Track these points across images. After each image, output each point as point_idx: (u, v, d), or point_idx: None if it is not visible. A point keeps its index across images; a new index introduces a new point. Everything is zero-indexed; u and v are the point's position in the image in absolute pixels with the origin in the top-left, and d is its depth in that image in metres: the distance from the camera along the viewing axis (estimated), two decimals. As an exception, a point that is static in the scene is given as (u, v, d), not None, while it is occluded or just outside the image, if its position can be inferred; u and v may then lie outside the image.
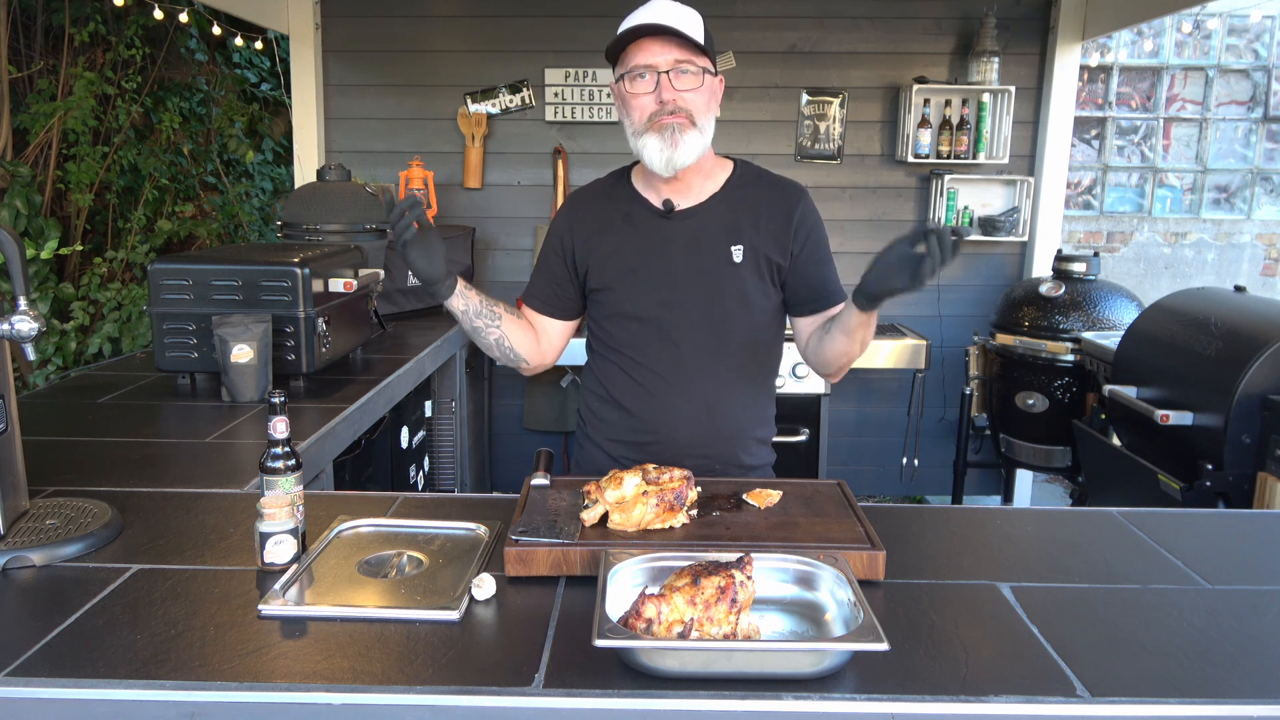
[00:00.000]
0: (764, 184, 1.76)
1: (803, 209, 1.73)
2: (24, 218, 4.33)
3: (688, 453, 1.71)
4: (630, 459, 1.74)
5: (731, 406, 1.75)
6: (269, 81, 5.53)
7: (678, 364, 1.72)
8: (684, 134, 1.60)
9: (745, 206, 1.72)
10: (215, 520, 1.50)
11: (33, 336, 1.31)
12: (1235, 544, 1.50)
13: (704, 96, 1.62)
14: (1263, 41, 6.06)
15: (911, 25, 4.12)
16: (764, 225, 1.71)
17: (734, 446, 1.76)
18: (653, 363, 1.73)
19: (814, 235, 1.74)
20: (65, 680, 1.02)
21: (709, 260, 1.70)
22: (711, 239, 1.70)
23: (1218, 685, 1.05)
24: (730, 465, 1.76)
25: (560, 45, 4.10)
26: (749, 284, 1.71)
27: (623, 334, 1.75)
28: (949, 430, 4.39)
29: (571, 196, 1.85)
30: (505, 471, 4.46)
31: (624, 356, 1.76)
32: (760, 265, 1.71)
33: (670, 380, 1.72)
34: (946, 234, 1.39)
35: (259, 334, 2.22)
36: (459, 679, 1.03)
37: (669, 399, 1.73)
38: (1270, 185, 6.22)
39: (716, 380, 1.73)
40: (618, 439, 1.79)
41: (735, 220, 1.71)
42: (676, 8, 1.60)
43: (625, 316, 1.74)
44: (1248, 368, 2.47)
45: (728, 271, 1.69)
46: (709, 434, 1.73)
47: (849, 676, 1.04)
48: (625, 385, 1.77)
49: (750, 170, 1.79)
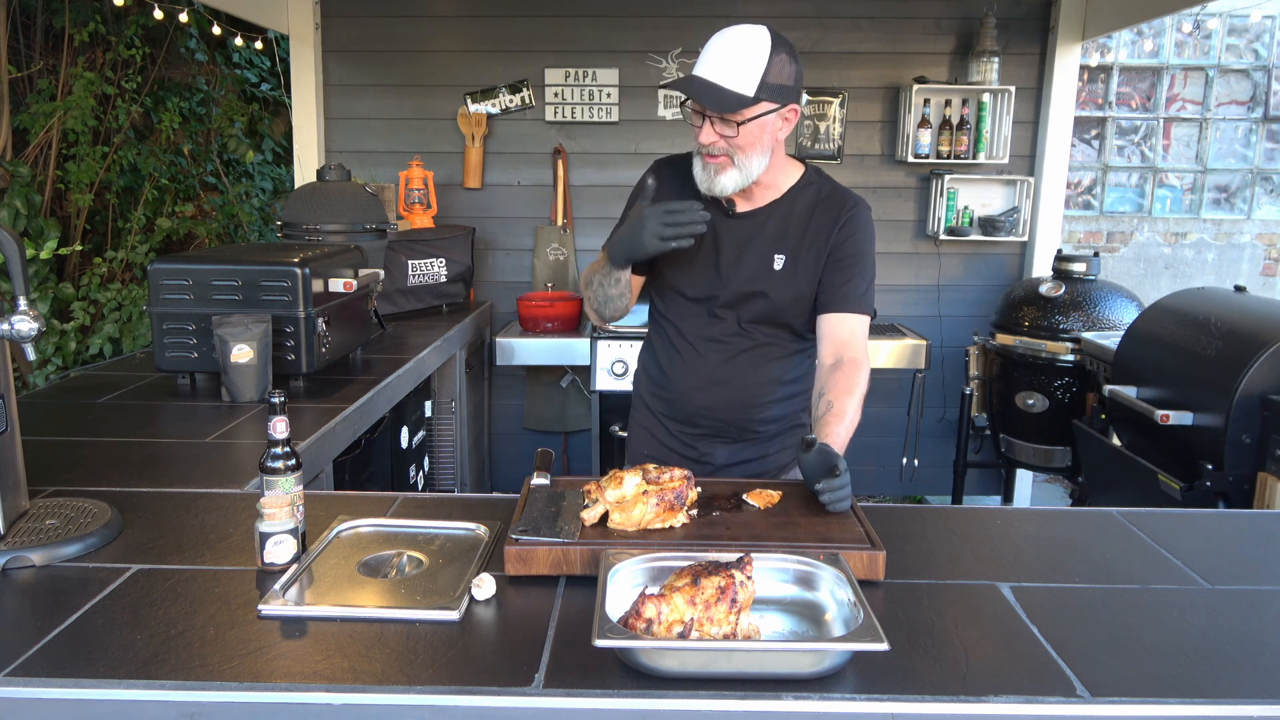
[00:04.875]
0: (824, 194, 1.85)
1: (848, 217, 1.82)
2: (24, 218, 4.33)
3: (701, 413, 1.93)
4: (662, 413, 1.99)
5: (745, 381, 1.89)
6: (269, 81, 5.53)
7: (708, 339, 1.89)
8: (722, 172, 1.73)
9: (798, 216, 1.83)
10: (215, 520, 1.50)
11: (33, 336, 1.31)
12: (1235, 544, 1.50)
13: (746, 139, 1.69)
14: (1263, 41, 6.06)
15: (911, 25, 4.12)
16: (810, 235, 1.82)
17: (744, 413, 1.92)
18: (690, 334, 1.91)
19: (850, 241, 1.82)
20: (65, 680, 1.02)
21: (752, 262, 1.83)
22: (760, 244, 1.83)
23: (1218, 685, 1.05)
24: (744, 429, 1.93)
25: (560, 45, 4.10)
26: (784, 287, 1.83)
27: (674, 303, 1.93)
28: (949, 430, 4.39)
29: (660, 163, 1.95)
30: (505, 471, 4.46)
31: (670, 325, 1.95)
32: (798, 273, 1.83)
33: (701, 351, 1.90)
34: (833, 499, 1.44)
35: (259, 334, 2.22)
36: (459, 679, 1.03)
37: (693, 365, 1.91)
38: (1270, 185, 6.22)
39: (737, 357, 1.89)
40: (656, 394, 2.01)
41: (784, 229, 1.83)
42: (732, 53, 1.64)
43: (676, 291, 1.90)
44: (1248, 368, 2.47)
45: (766, 275, 1.83)
46: (720, 401, 1.90)
47: (849, 676, 1.04)
48: (666, 350, 1.96)
49: (815, 179, 1.88)
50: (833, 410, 1.70)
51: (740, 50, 1.64)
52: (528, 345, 3.85)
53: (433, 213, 3.90)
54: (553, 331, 3.91)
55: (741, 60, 1.63)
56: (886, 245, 4.32)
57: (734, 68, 1.63)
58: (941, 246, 4.29)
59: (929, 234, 4.24)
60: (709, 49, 1.66)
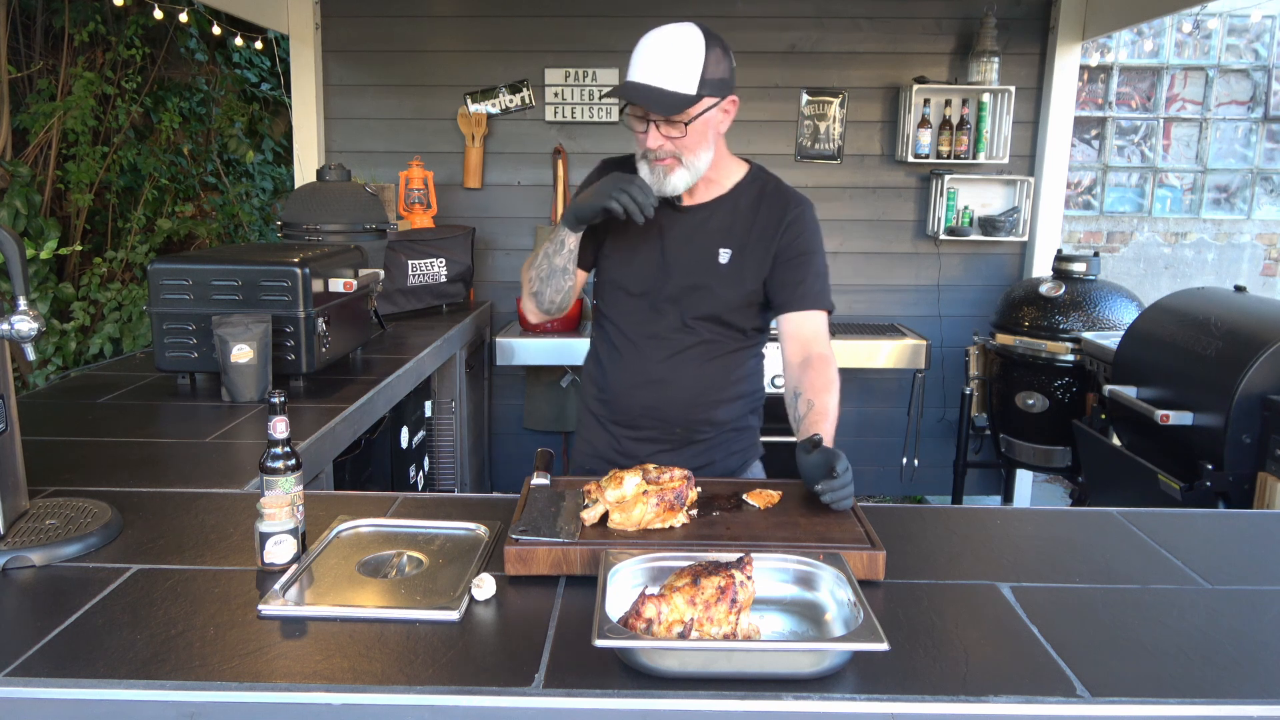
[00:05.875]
0: (769, 192, 1.84)
1: (794, 214, 1.81)
2: (24, 218, 4.33)
3: (644, 414, 1.87)
4: (605, 417, 1.93)
5: (689, 379, 1.85)
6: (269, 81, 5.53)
7: (653, 336, 1.85)
8: (670, 173, 1.72)
9: (744, 212, 1.82)
10: (215, 520, 1.50)
11: (33, 336, 1.31)
12: (1235, 544, 1.50)
13: (693, 138, 1.69)
14: (1263, 41, 6.06)
15: (911, 25, 4.12)
16: (756, 231, 1.81)
17: (689, 413, 1.87)
18: (631, 331, 1.87)
19: (799, 240, 1.81)
20: (65, 680, 1.02)
21: (697, 256, 1.81)
22: (704, 238, 1.81)
23: (1218, 685, 1.05)
24: (690, 430, 1.88)
25: (560, 45, 4.10)
26: (728, 282, 1.81)
27: (615, 302, 1.89)
28: (949, 430, 4.39)
29: (606, 163, 1.93)
30: (505, 471, 4.46)
31: (612, 324, 1.90)
32: (744, 268, 1.81)
33: (641, 347, 1.86)
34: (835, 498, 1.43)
35: (259, 334, 2.22)
36: (459, 679, 1.03)
37: (634, 364, 1.87)
38: (1270, 185, 6.22)
39: (680, 354, 1.85)
40: (597, 397, 1.95)
41: (730, 224, 1.81)
42: (668, 54, 1.63)
43: (618, 287, 1.87)
44: (1248, 368, 2.47)
45: (711, 269, 1.80)
46: (664, 400, 1.85)
47: (849, 676, 1.04)
48: (608, 348, 1.92)
49: (760, 177, 1.86)
50: (815, 409, 1.70)
51: (676, 50, 1.62)
52: (528, 345, 3.85)
53: (433, 213, 3.90)
54: (553, 331, 3.91)
55: (679, 60, 1.62)
56: (886, 245, 4.32)
57: (673, 68, 1.62)
58: (941, 246, 4.29)
59: (929, 234, 4.24)
60: (642, 53, 1.64)
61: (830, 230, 4.51)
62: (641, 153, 1.73)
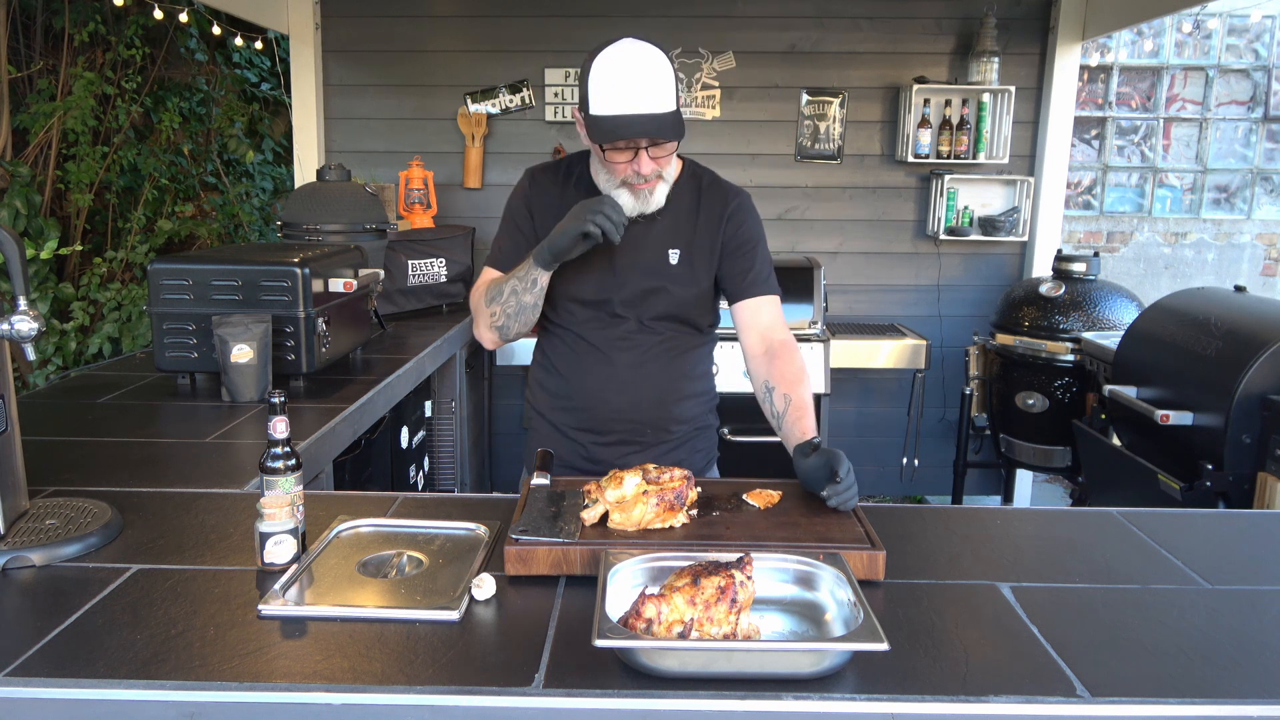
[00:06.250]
0: (705, 186, 1.86)
1: (734, 206, 1.84)
2: (24, 218, 4.33)
3: (616, 417, 1.85)
4: (568, 426, 1.89)
5: (657, 378, 1.86)
6: (269, 81, 5.53)
7: (612, 341, 1.84)
8: (654, 192, 1.73)
9: (686, 212, 1.83)
10: (215, 520, 1.50)
11: (33, 336, 1.31)
12: (1235, 544, 1.50)
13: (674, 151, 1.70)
14: (1263, 41, 6.06)
15: (911, 25, 4.12)
16: (700, 227, 1.82)
17: (659, 412, 1.87)
18: (591, 338, 1.85)
19: (742, 229, 1.83)
20: (65, 680, 1.02)
21: (647, 260, 1.81)
22: (653, 242, 1.81)
23: (1218, 685, 1.05)
24: (660, 430, 1.88)
25: (560, 45, 4.10)
26: (682, 280, 1.82)
27: (567, 313, 1.86)
28: (949, 430, 4.39)
29: (532, 172, 1.93)
30: (505, 471, 4.46)
31: (568, 332, 1.88)
32: (694, 264, 1.82)
33: (605, 353, 1.84)
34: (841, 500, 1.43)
35: (259, 334, 2.22)
36: (459, 679, 1.03)
37: (602, 369, 1.85)
38: (1270, 185, 6.22)
39: (645, 355, 1.85)
40: (559, 406, 1.91)
41: (675, 225, 1.82)
42: (648, 76, 1.60)
43: (570, 298, 1.84)
44: (1248, 368, 2.47)
45: (663, 270, 1.81)
46: (635, 401, 1.85)
47: (849, 676, 1.04)
48: (566, 357, 1.89)
49: (696, 172, 1.88)
50: (793, 404, 1.69)
51: (652, 70, 1.60)
52: (528, 345, 3.84)
53: (433, 213, 3.90)
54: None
55: (659, 79, 1.60)
56: (886, 245, 4.32)
57: (658, 89, 1.59)
58: (941, 246, 4.29)
59: (929, 234, 4.24)
60: (626, 80, 1.60)
61: (830, 230, 4.54)
62: (619, 180, 1.70)
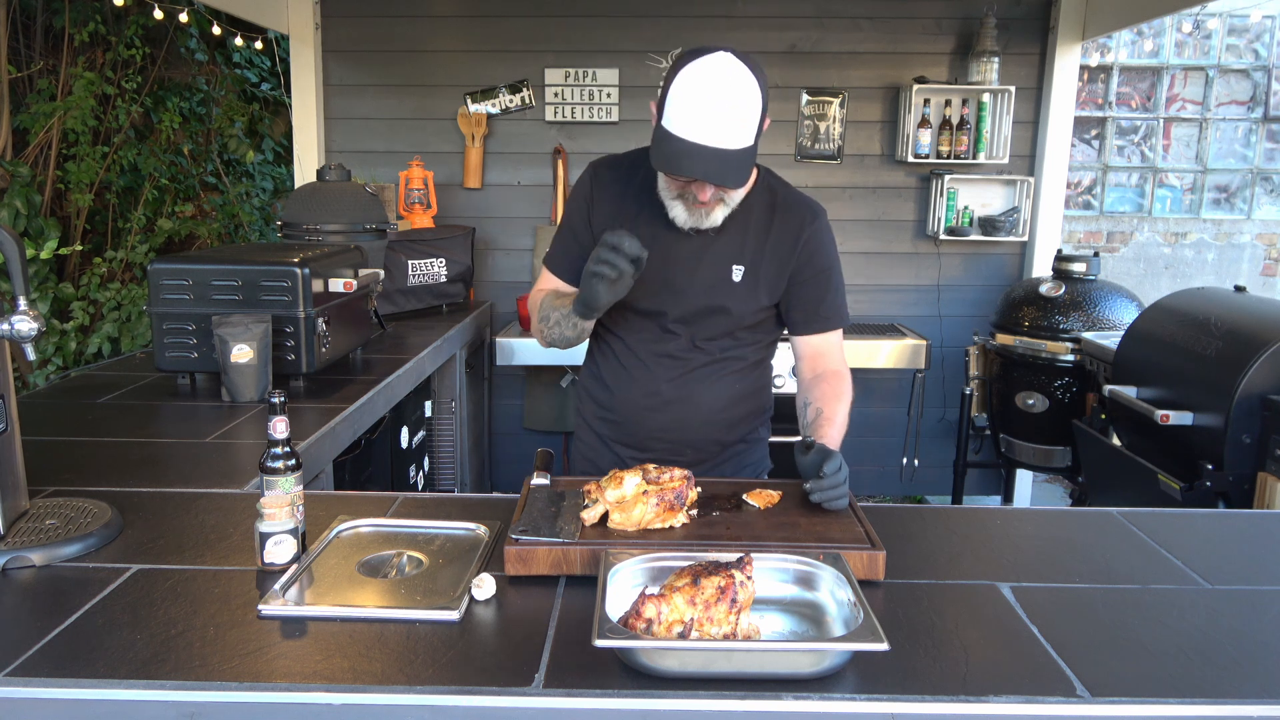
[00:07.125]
0: (780, 203, 1.76)
1: (811, 231, 1.75)
2: (24, 218, 4.33)
3: (657, 435, 1.81)
4: (610, 437, 1.87)
5: (702, 399, 1.80)
6: (269, 81, 5.53)
7: (659, 357, 1.78)
8: (712, 211, 1.65)
9: (756, 227, 1.74)
10: (215, 520, 1.50)
11: (33, 336, 1.31)
12: (1235, 544, 1.50)
13: None
14: (1263, 41, 6.06)
15: (911, 25, 4.12)
16: (770, 247, 1.73)
17: (701, 433, 1.82)
18: (639, 350, 1.79)
19: (816, 258, 1.75)
20: (65, 680, 1.02)
21: (709, 275, 1.73)
22: (716, 257, 1.73)
23: (1218, 685, 1.05)
24: (701, 450, 1.82)
25: (560, 45, 4.10)
26: (744, 300, 1.74)
27: (619, 321, 1.80)
28: (949, 430, 4.39)
29: (595, 167, 1.82)
30: (505, 471, 4.46)
31: (618, 340, 1.82)
32: (758, 285, 1.74)
33: (651, 370, 1.79)
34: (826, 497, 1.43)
35: (259, 334, 2.22)
36: (459, 679, 1.03)
37: (645, 386, 1.80)
38: (1270, 185, 6.22)
39: (692, 375, 1.79)
40: (602, 418, 1.88)
41: (742, 241, 1.73)
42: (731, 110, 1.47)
43: (624, 306, 1.75)
44: (1248, 368, 2.46)
45: (724, 287, 1.73)
46: (676, 421, 1.80)
47: (849, 676, 1.04)
48: (614, 368, 1.84)
49: (771, 184, 1.77)
50: (823, 415, 1.68)
51: (739, 102, 1.48)
52: (528, 345, 3.85)
53: (433, 213, 3.90)
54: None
55: (743, 113, 1.48)
56: (886, 245, 4.32)
57: (738, 124, 1.48)
58: (941, 246, 4.29)
59: (929, 234, 4.24)
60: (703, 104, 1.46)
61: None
62: (676, 192, 1.63)
